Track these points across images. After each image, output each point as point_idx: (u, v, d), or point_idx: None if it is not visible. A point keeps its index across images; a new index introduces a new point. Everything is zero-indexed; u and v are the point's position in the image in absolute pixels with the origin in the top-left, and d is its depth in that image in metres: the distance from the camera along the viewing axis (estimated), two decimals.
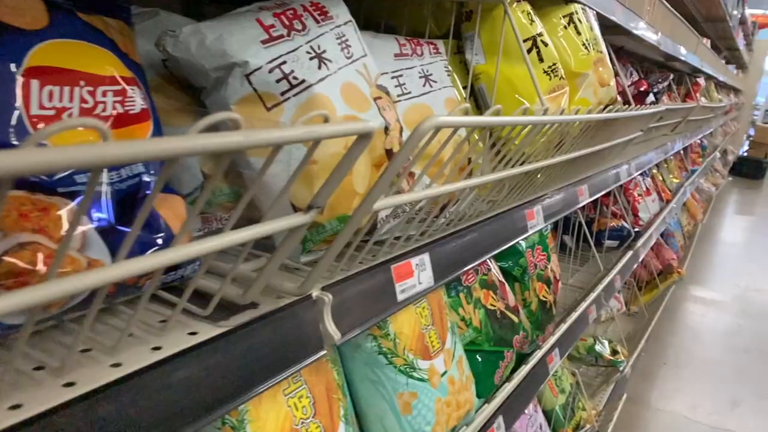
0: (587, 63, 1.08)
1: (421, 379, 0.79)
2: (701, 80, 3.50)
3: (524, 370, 1.12)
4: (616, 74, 1.90)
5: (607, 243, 2.25)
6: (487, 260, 1.09)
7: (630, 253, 2.11)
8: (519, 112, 0.69)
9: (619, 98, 1.18)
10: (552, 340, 1.52)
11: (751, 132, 11.80)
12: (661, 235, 3.87)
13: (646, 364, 3.30)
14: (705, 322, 4.03)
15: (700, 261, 5.22)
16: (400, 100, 0.82)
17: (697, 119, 3.98)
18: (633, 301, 3.26)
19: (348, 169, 0.47)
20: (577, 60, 1.07)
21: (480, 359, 0.98)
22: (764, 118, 13.68)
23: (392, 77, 0.82)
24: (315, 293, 0.62)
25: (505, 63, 0.96)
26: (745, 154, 10.95)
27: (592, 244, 1.73)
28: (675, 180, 3.92)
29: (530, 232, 1.17)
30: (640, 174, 2.74)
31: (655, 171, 3.60)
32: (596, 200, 2.58)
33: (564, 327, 1.60)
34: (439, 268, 0.84)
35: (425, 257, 0.81)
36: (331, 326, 0.61)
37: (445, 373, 0.83)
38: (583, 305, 1.68)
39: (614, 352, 2.32)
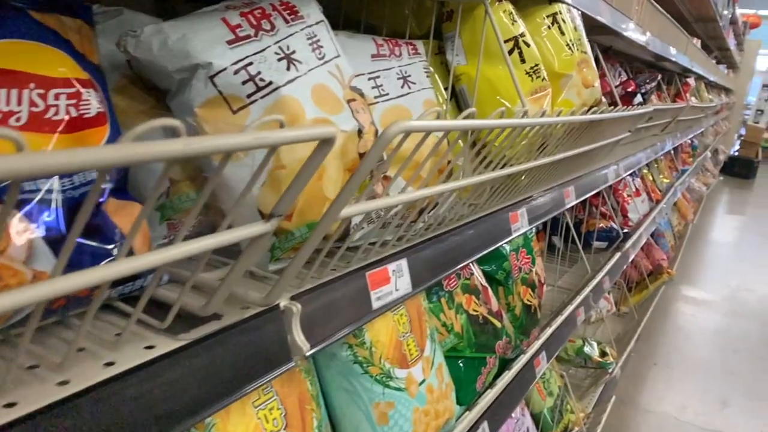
0: (571, 64, 1.06)
1: (398, 389, 0.77)
2: (691, 80, 3.50)
3: (508, 375, 1.11)
4: (604, 75, 1.89)
5: (596, 244, 2.24)
6: (470, 264, 1.07)
7: (618, 254, 2.10)
8: (496, 114, 0.67)
9: (604, 99, 1.17)
10: (538, 343, 1.50)
11: (743, 131, 11.87)
12: (651, 235, 3.87)
13: (636, 365, 3.30)
14: (695, 321, 4.04)
15: (690, 261, 5.24)
16: (377, 102, 0.80)
17: (687, 119, 3.98)
18: (623, 301, 3.26)
19: (309, 176, 0.45)
20: (560, 61, 1.06)
21: (461, 366, 0.96)
22: (755, 118, 13.76)
23: (369, 78, 0.80)
24: (283, 303, 0.60)
25: (486, 64, 0.94)
26: (737, 153, 11.00)
27: (579, 246, 1.71)
28: (665, 180, 3.92)
29: (514, 235, 1.16)
30: (630, 174, 2.73)
31: (645, 171, 3.60)
32: (585, 201, 2.57)
33: (551, 330, 1.58)
34: (418, 273, 0.82)
35: (403, 263, 0.79)
36: (299, 337, 0.59)
37: (423, 381, 0.81)
38: (570, 307, 1.66)
39: (603, 354, 2.31)
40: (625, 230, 2.40)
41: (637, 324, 3.05)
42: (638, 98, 1.63)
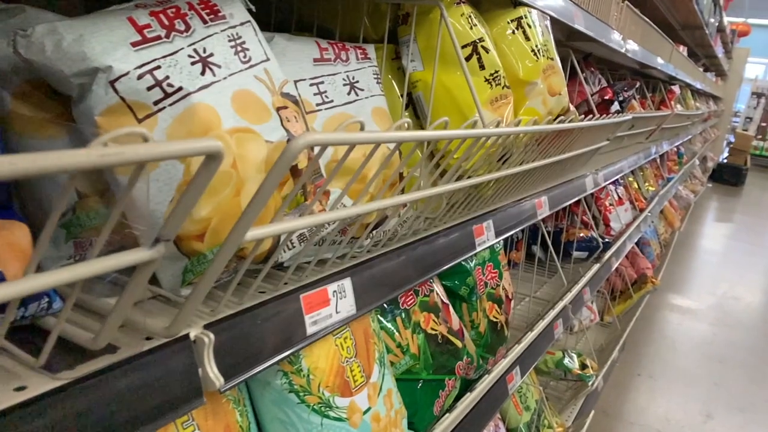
0: (536, 71, 1.01)
1: (339, 419, 0.71)
2: (676, 88, 3.48)
3: (471, 397, 1.05)
4: (581, 83, 1.85)
5: (576, 254, 2.20)
6: (430, 280, 1.02)
7: (598, 265, 2.06)
8: (439, 125, 0.62)
9: (573, 108, 1.12)
10: (507, 360, 1.45)
11: (731, 139, 11.93)
12: (637, 243, 3.83)
13: (619, 376, 3.26)
14: (681, 330, 4.00)
15: (677, 269, 5.22)
16: (319, 110, 0.74)
17: (673, 127, 3.96)
18: (607, 311, 3.21)
19: (196, 196, 0.40)
20: (524, 68, 1.01)
21: (417, 390, 0.91)
22: (744, 125, 13.84)
23: (311, 84, 0.75)
24: (194, 333, 0.54)
25: (444, 70, 0.89)
26: (725, 160, 11.04)
27: (555, 257, 1.66)
28: (651, 188, 3.89)
29: (479, 248, 1.10)
30: (612, 183, 2.70)
31: (630, 179, 3.57)
32: (567, 210, 2.52)
33: (524, 344, 1.53)
34: (364, 294, 0.77)
35: (346, 283, 0.74)
36: (212, 371, 0.53)
37: (368, 410, 0.76)
38: (545, 320, 1.61)
39: (583, 366, 2.26)
40: (607, 240, 2.35)
41: (620, 334, 3.00)
42: (615, 106, 1.59)
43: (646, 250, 3.93)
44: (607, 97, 1.63)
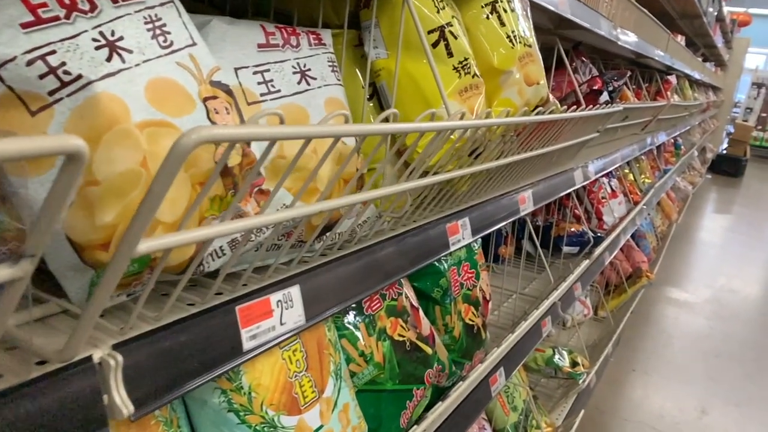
0: (511, 59, 0.94)
1: None
2: (672, 78, 3.40)
3: (443, 406, 0.99)
4: (570, 72, 1.77)
5: (566, 249, 2.13)
6: (398, 283, 0.96)
7: (587, 261, 1.99)
8: (382, 118, 0.55)
9: (552, 98, 1.05)
10: (493, 359, 1.39)
11: (731, 129, 11.83)
12: (632, 236, 3.77)
13: (614, 371, 3.20)
14: (677, 325, 3.95)
15: (674, 261, 5.16)
16: (264, 101, 0.68)
17: (669, 118, 3.89)
18: (601, 306, 3.16)
19: (59, 204, 0.33)
20: (499, 55, 0.94)
21: (381, 401, 0.85)
22: (744, 116, 13.74)
23: (255, 72, 0.68)
24: (99, 354, 0.48)
25: (409, 58, 0.83)
26: (724, 151, 10.95)
27: (541, 252, 1.60)
28: (647, 180, 3.82)
29: (453, 248, 1.04)
30: (605, 175, 2.63)
31: (626, 171, 3.50)
32: (559, 204, 2.46)
33: (506, 344, 1.47)
34: (317, 302, 0.70)
35: (293, 291, 0.67)
36: (119, 397, 0.47)
37: (320, 428, 0.69)
38: (530, 319, 1.55)
39: (574, 364, 2.20)
40: (599, 234, 2.29)
41: (614, 329, 2.95)
42: (605, 96, 1.52)
43: (642, 243, 3.87)
44: (596, 87, 1.56)
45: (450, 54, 0.84)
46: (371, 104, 0.88)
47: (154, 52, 0.52)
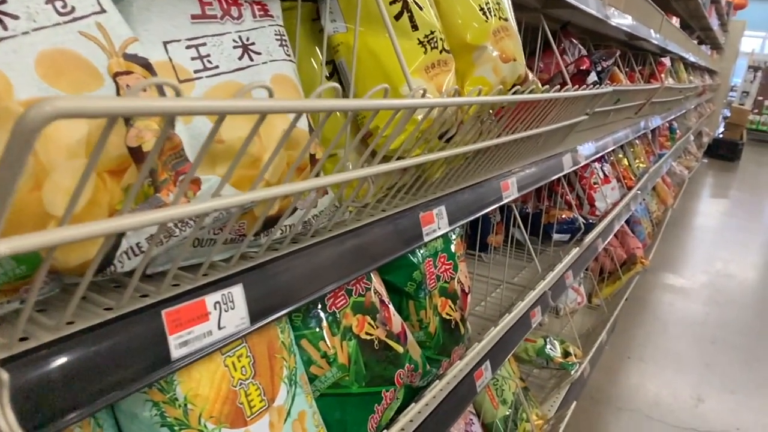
0: (484, 33, 0.87)
1: None
2: (666, 60, 3.32)
3: (416, 408, 0.93)
4: (556, 52, 1.70)
5: (556, 237, 2.07)
6: (366, 277, 0.89)
7: (577, 249, 1.93)
8: (318, 93, 0.48)
9: (532, 76, 0.98)
10: (476, 351, 1.33)
11: (727, 113, 11.75)
12: (627, 222, 3.71)
13: (608, 359, 3.16)
14: (672, 311, 3.90)
15: (670, 247, 5.11)
16: (198, 78, 0.60)
17: (664, 101, 3.81)
18: (595, 293, 3.10)
19: None
20: (471, 29, 0.86)
21: (346, 406, 0.78)
22: (741, 100, 13.65)
23: (189, 46, 0.61)
24: None
25: (370, 32, 0.75)
26: (721, 135, 10.88)
27: (528, 241, 1.53)
28: (641, 165, 3.75)
29: (427, 239, 0.97)
30: (598, 160, 2.56)
31: (620, 156, 3.43)
32: (550, 190, 2.39)
33: (489, 337, 1.41)
34: (264, 302, 0.64)
35: (235, 291, 0.61)
36: (6, 421, 0.40)
37: None
38: (516, 310, 1.49)
39: (566, 354, 2.15)
40: (590, 221, 2.23)
41: (609, 317, 2.89)
42: (592, 77, 1.45)
43: (636, 229, 3.81)
44: (583, 68, 1.48)
45: (414, 27, 0.76)
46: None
47: (48, 19, 0.45)
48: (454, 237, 1.09)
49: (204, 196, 0.56)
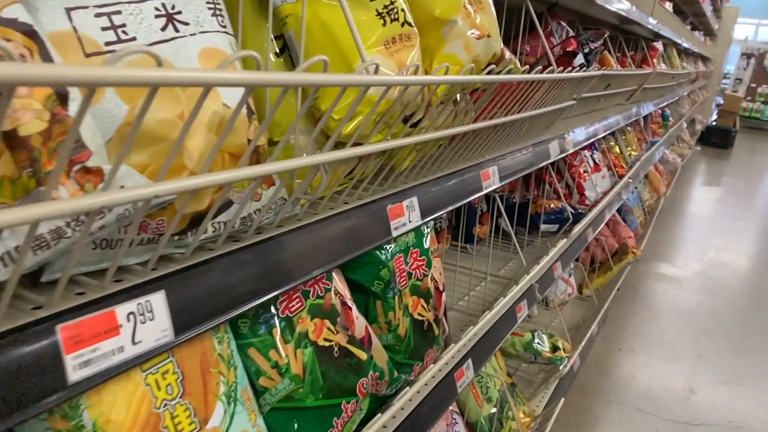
0: (454, 5, 0.78)
1: None
2: (659, 45, 3.23)
3: (383, 419, 0.85)
4: (541, 33, 1.61)
5: (544, 227, 1.99)
6: (327, 276, 0.81)
7: (564, 240, 1.85)
8: (225, 65, 0.39)
9: (509, 55, 0.89)
10: (458, 350, 1.25)
11: (720, 100, 11.70)
12: (619, 211, 3.64)
13: (599, 351, 3.10)
14: (665, 300, 3.85)
15: (663, 235, 5.05)
16: (111, 51, 0.52)
17: (656, 87, 3.73)
18: (586, 284, 3.03)
19: None
20: (440, 1, 0.77)
21: (300, 421, 0.70)
22: (734, 87, 13.60)
23: (98, 15, 0.52)
24: None
25: (321, 1, 0.66)
26: (714, 123, 10.83)
27: (511, 232, 1.45)
28: (633, 153, 3.68)
29: (396, 233, 0.89)
30: (588, 148, 2.48)
31: (611, 143, 3.35)
32: (538, 179, 2.31)
33: (473, 333, 1.33)
34: (192, 310, 0.55)
35: (155, 299, 0.52)
36: None
37: None
38: (501, 304, 1.41)
39: (555, 349, 2.08)
40: (579, 210, 2.15)
41: (599, 308, 2.83)
42: (579, 59, 1.36)
43: (628, 218, 3.75)
44: (569, 49, 1.40)
45: None
46: (282, 60, 0.72)
47: None
48: (427, 231, 1.00)
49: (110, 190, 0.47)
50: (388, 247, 0.91)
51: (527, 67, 0.95)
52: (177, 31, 0.56)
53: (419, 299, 0.94)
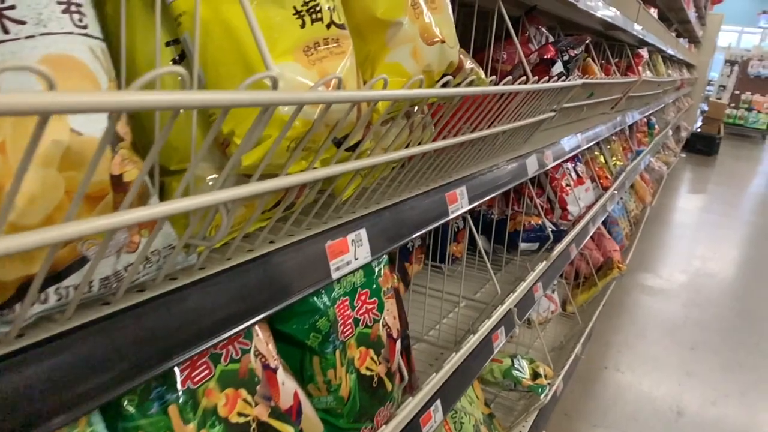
0: (399, 4, 0.64)
1: None
2: (644, 52, 3.13)
3: None
4: (528, 41, 1.48)
5: (524, 246, 1.86)
6: (246, 333, 0.66)
7: (543, 263, 1.72)
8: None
9: (470, 64, 0.75)
10: (424, 393, 1.11)
11: (705, 107, 11.73)
12: (604, 223, 3.53)
13: (584, 370, 2.98)
14: (651, 314, 3.75)
15: (649, 246, 4.96)
16: None
17: (642, 95, 3.63)
18: (570, 301, 2.91)
19: None
20: (379, 2, 0.63)
21: None
22: (718, 94, 13.66)
23: None
24: None
25: None
26: (699, 130, 10.84)
27: (483, 253, 1.31)
28: (619, 163, 3.57)
29: (338, 275, 0.75)
30: (570, 160, 2.36)
31: (596, 153, 3.24)
32: (518, 192, 2.18)
33: (439, 376, 1.20)
34: (26, 409, 0.41)
35: None
36: None
37: None
38: (469, 343, 1.27)
39: (536, 376, 1.94)
40: (562, 227, 2.02)
41: (584, 327, 2.70)
42: (558, 67, 1.24)
43: (613, 230, 3.64)
44: (547, 57, 1.27)
45: None
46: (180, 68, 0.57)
47: None
48: (379, 267, 0.86)
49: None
50: (328, 291, 0.76)
51: (494, 78, 0.81)
52: (6, 32, 0.42)
53: (368, 350, 0.80)
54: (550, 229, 1.82)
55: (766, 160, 11.08)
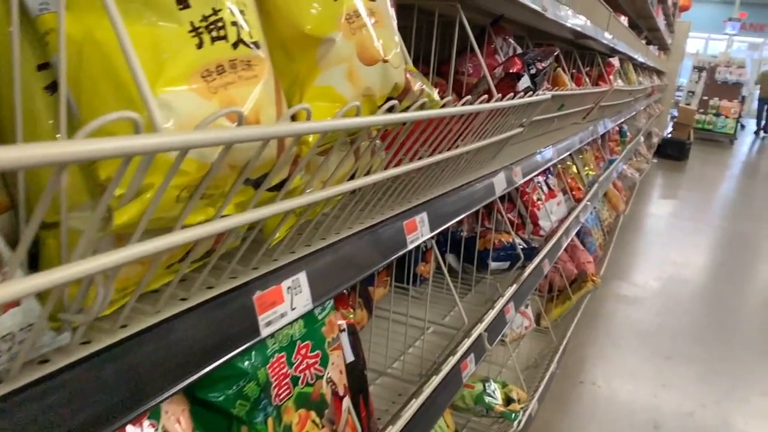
0: (331, 18, 0.54)
1: None
2: (615, 60, 3.09)
3: None
4: (494, 53, 1.40)
5: (494, 266, 1.78)
6: (153, 413, 0.55)
7: (514, 286, 1.64)
8: None
9: (420, 86, 0.65)
10: None
11: (675, 113, 11.90)
12: (577, 234, 3.48)
13: (559, 384, 2.90)
14: (626, 324, 3.71)
15: (623, 254, 4.94)
16: None
17: (613, 104, 3.60)
18: (543, 316, 2.84)
19: None
20: (309, 13, 0.53)
21: None
22: (687, 99, 13.89)
23: None
24: None
25: (97, 12, 0.42)
26: (669, 135, 10.98)
27: (448, 277, 1.22)
28: (591, 173, 3.53)
29: (269, 331, 0.64)
30: (541, 173, 2.29)
31: (568, 163, 3.19)
32: (489, 207, 2.10)
33: (407, 415, 1.10)
34: None
35: None
36: None
37: None
38: (436, 380, 1.18)
39: (509, 401, 1.86)
40: (533, 244, 1.94)
41: (558, 346, 2.63)
42: (525, 82, 1.16)
43: (587, 240, 3.59)
44: (513, 70, 1.19)
45: (184, 4, 0.43)
46: (55, 98, 0.47)
47: None
48: (324, 314, 0.76)
49: None
50: (259, 349, 0.66)
51: (449, 98, 0.72)
52: None
53: (309, 413, 0.69)
54: (520, 247, 1.74)
55: (734, 164, 11.30)
